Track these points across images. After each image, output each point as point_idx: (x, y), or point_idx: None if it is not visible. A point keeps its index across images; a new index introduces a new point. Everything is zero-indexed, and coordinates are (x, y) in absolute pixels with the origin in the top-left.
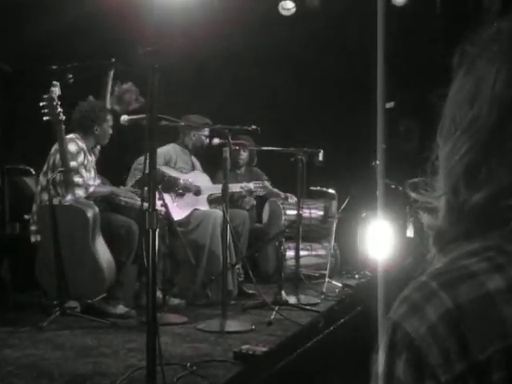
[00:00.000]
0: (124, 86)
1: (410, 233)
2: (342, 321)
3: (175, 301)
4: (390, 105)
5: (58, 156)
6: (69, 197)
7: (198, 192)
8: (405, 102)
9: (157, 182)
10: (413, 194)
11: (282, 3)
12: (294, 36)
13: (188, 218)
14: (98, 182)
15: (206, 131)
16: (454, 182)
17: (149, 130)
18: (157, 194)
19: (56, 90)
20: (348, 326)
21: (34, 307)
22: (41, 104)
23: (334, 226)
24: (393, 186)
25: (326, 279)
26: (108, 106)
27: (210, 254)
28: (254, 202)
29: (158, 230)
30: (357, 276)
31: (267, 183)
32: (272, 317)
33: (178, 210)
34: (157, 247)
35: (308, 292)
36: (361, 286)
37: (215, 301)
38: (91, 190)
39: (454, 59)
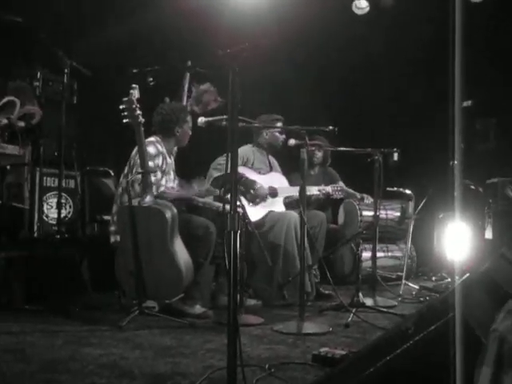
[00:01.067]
0: (202, 86)
1: (488, 234)
2: (432, 327)
3: (251, 302)
4: (467, 103)
5: (137, 158)
6: (148, 198)
7: (274, 194)
8: (481, 101)
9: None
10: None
11: (356, 2)
12: (368, 35)
13: (263, 219)
14: (176, 182)
15: (279, 125)
16: None
17: (230, 131)
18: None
19: (135, 93)
20: (439, 332)
21: (113, 307)
22: (120, 107)
23: (411, 227)
24: (472, 187)
25: (403, 281)
26: (187, 107)
27: (285, 255)
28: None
29: (239, 231)
30: (433, 278)
31: (343, 185)
32: (349, 319)
33: (254, 212)
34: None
35: (384, 294)
36: (450, 290)
37: (291, 302)
38: (161, 189)
39: None
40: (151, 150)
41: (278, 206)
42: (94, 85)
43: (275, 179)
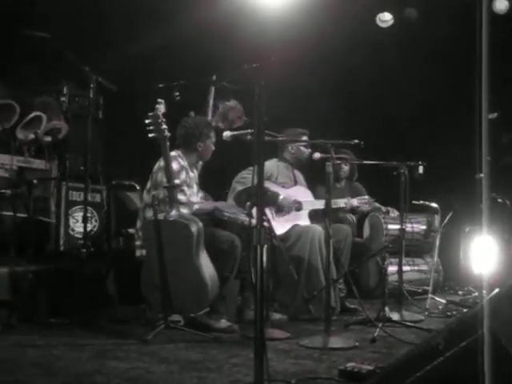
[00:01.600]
0: (229, 103)
1: None
2: (463, 343)
3: (277, 316)
4: (492, 116)
5: (160, 173)
6: (173, 212)
7: (298, 207)
8: (508, 113)
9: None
10: None
11: (380, 15)
12: (392, 48)
13: (288, 233)
14: (200, 195)
15: (304, 139)
16: None
17: (256, 145)
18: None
19: (161, 108)
20: (470, 348)
21: (138, 320)
22: (146, 121)
23: (437, 240)
24: (499, 200)
25: (429, 295)
26: (212, 122)
27: (309, 269)
28: (355, 220)
29: (265, 245)
30: (460, 292)
31: (371, 199)
32: (376, 334)
33: (279, 225)
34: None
35: (411, 308)
36: (480, 305)
37: (317, 316)
38: (195, 207)
39: None
40: (174, 165)
41: (302, 219)
42: (120, 99)
43: (300, 193)
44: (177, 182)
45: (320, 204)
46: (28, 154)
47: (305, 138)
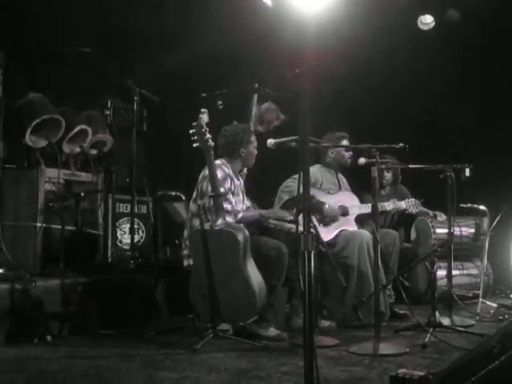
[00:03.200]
0: (263, 105)
1: None
2: None
3: (326, 323)
4: None
5: (205, 183)
6: (219, 221)
7: (345, 213)
8: None
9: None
10: None
11: (421, 18)
12: (434, 50)
13: (335, 238)
14: (247, 204)
15: (345, 142)
16: None
17: (301, 152)
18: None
19: (205, 117)
20: None
21: (187, 330)
22: (190, 131)
23: (486, 243)
24: None
25: (480, 299)
26: (252, 128)
27: (359, 275)
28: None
29: (313, 252)
30: (511, 295)
31: (418, 201)
32: (426, 339)
33: (325, 231)
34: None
35: (461, 313)
36: None
37: (366, 323)
38: (240, 215)
39: None
40: (219, 174)
41: (349, 224)
42: (163, 111)
43: (345, 198)
44: (222, 190)
45: (366, 208)
46: (74, 168)
47: (345, 141)
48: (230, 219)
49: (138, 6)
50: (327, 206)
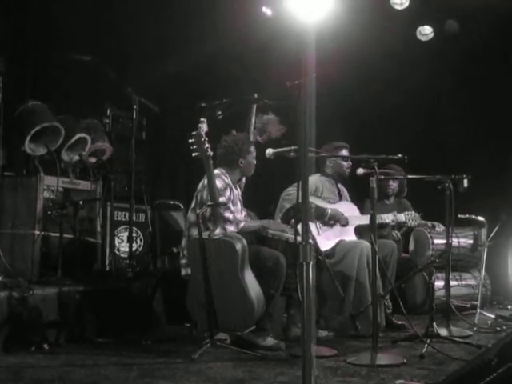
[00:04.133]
0: (265, 116)
1: None
2: None
3: (323, 333)
4: None
5: (205, 192)
6: (218, 230)
7: (345, 223)
8: None
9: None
10: None
11: (420, 28)
12: (434, 61)
13: (334, 248)
14: (244, 213)
15: (343, 152)
16: None
17: (301, 162)
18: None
19: (204, 127)
20: None
21: (185, 339)
22: (189, 141)
23: (484, 254)
24: None
25: (478, 310)
26: (251, 138)
27: (357, 285)
28: (399, 237)
29: (312, 263)
30: (509, 307)
31: (417, 215)
32: (424, 350)
33: (324, 241)
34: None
35: (459, 324)
36: None
37: (364, 333)
38: (241, 225)
39: None
40: (219, 183)
41: (348, 234)
42: (163, 120)
43: (345, 208)
44: (222, 199)
45: (366, 219)
46: (73, 176)
47: (344, 150)
48: (231, 228)
49: (138, 14)
50: (329, 211)
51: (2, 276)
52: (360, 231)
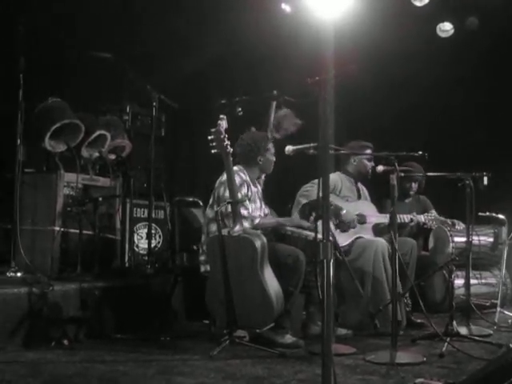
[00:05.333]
0: (280, 112)
1: None
2: None
3: (342, 331)
4: None
5: (222, 189)
6: (237, 227)
7: (362, 220)
8: None
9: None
10: None
11: (440, 25)
12: (454, 58)
13: (350, 245)
14: (266, 211)
15: (368, 152)
16: None
17: (321, 159)
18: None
19: (223, 124)
20: None
21: (203, 336)
22: (209, 137)
23: (505, 253)
24: None
25: (498, 309)
26: (269, 135)
27: (374, 283)
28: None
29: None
30: None
31: (436, 214)
32: (444, 348)
33: (342, 238)
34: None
35: (479, 322)
36: None
37: (383, 331)
38: (257, 221)
39: None
40: (236, 180)
41: (366, 232)
42: (182, 117)
43: (363, 206)
44: (239, 196)
45: (384, 217)
46: (93, 172)
47: (369, 151)
48: (246, 224)
49: (156, 12)
50: (345, 211)
51: (22, 272)
52: (380, 230)
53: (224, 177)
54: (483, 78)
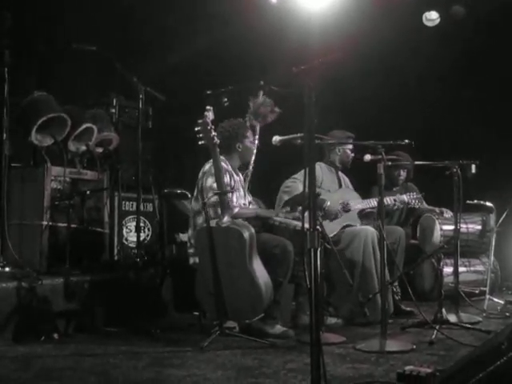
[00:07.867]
0: (257, 99)
1: None
2: None
3: (332, 320)
4: None
5: (205, 178)
6: (225, 218)
7: (347, 209)
8: None
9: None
10: None
11: (426, 14)
12: (439, 47)
13: (339, 235)
14: (249, 199)
15: (350, 145)
16: None
17: (307, 148)
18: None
19: (210, 115)
20: None
21: (194, 327)
22: (195, 129)
23: (493, 240)
24: None
25: (487, 296)
26: (246, 122)
27: (363, 272)
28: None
29: (319, 249)
30: None
31: (420, 196)
32: (433, 336)
33: (330, 227)
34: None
35: (468, 310)
36: None
37: (372, 320)
38: (236, 210)
39: None
40: None
41: (352, 219)
42: (169, 108)
43: (346, 194)
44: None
45: (367, 203)
46: (80, 166)
47: (352, 141)
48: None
49: (142, 3)
50: (329, 203)
51: (11, 267)
52: (366, 215)
53: (206, 167)
54: (471, 67)
